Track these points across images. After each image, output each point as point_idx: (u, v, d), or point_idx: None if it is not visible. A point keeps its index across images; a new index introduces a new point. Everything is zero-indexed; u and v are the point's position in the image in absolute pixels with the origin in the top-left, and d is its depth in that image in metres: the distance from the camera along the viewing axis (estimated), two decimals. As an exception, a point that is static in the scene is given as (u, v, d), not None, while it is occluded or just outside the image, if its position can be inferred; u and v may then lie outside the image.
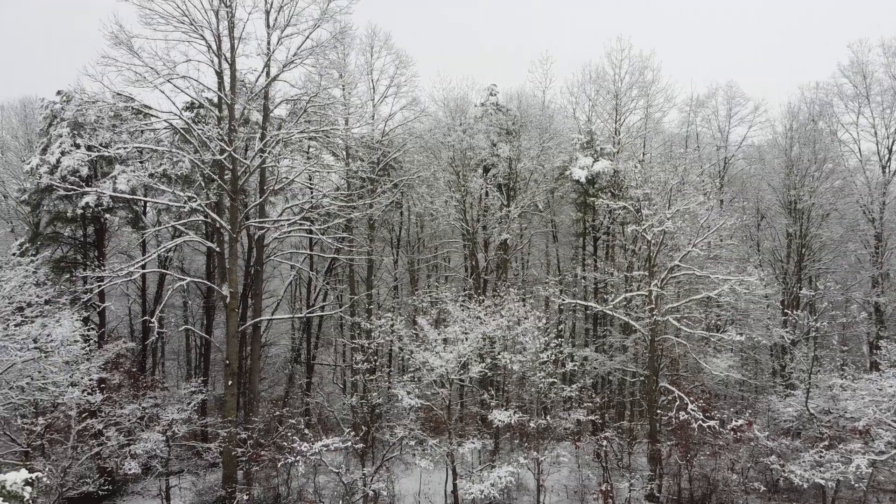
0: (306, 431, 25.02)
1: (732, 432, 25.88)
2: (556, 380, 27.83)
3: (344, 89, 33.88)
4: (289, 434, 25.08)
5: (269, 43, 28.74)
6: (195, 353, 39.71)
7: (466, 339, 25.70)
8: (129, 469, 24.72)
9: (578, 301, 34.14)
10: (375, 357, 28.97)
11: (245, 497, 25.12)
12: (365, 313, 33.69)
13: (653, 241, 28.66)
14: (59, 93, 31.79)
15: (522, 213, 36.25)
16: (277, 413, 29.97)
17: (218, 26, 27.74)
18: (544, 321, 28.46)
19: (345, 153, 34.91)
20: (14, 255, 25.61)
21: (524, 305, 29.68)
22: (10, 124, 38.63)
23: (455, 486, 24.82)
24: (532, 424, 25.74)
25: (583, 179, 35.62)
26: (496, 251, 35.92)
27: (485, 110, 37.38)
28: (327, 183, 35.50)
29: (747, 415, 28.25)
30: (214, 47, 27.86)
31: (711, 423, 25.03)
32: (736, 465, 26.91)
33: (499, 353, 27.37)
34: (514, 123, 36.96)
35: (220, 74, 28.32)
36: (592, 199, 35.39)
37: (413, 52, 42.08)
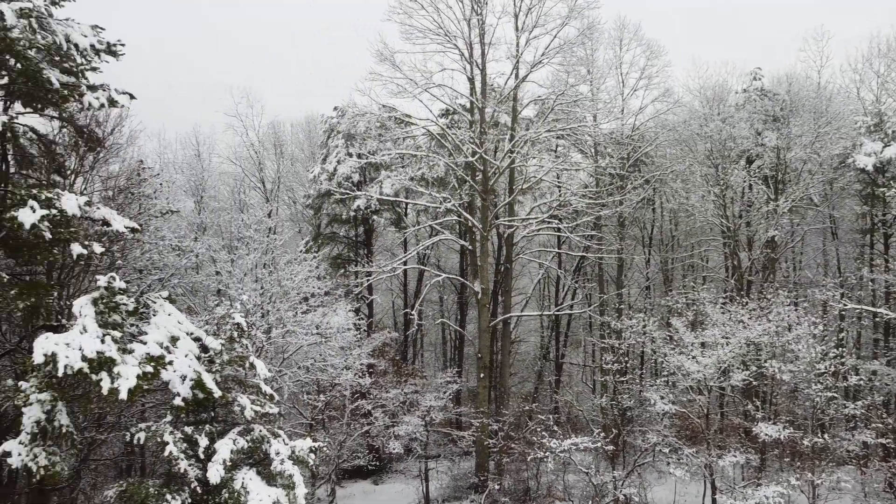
0: (555, 428, 25.02)
1: None
2: (835, 394, 24.53)
3: (591, 85, 33.36)
4: (538, 430, 25.28)
5: (517, 45, 29.36)
6: (450, 345, 41.97)
7: (727, 344, 23.74)
8: (393, 449, 26.85)
9: (865, 307, 29.75)
10: (626, 358, 28.06)
11: (496, 487, 25.88)
12: (615, 313, 32.80)
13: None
14: (335, 108, 35.74)
15: (793, 208, 32.55)
16: (527, 408, 30.41)
17: (469, 34, 29.04)
18: (821, 328, 25.26)
19: (593, 150, 34.37)
20: (301, 252, 29.21)
21: (796, 309, 26.64)
22: (297, 139, 44.32)
23: (714, 501, 23.05)
24: (806, 442, 22.97)
25: (869, 167, 30.93)
26: (762, 250, 32.72)
27: (747, 97, 34.29)
28: (575, 181, 35.28)
29: None
30: (466, 55, 29.19)
31: None
32: None
33: (765, 361, 24.88)
34: (783, 109, 33.35)
35: (471, 80, 29.59)
36: (882, 189, 30.58)
37: (665, 41, 40.22)
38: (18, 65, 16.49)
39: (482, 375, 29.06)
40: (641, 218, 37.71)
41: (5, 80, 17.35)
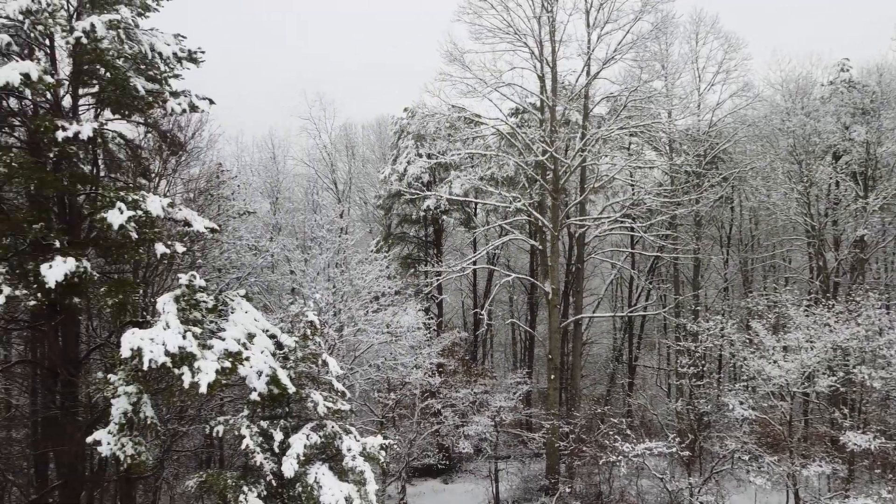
0: (628, 432, 24.46)
1: None
2: (932, 403, 23.05)
3: (666, 80, 32.47)
4: (610, 433, 24.79)
5: (588, 42, 28.89)
6: (520, 346, 41.71)
7: (812, 348, 22.65)
8: (463, 448, 26.87)
9: (965, 310, 27.84)
10: (702, 362, 27.19)
11: (567, 490, 25.53)
12: (691, 315, 31.84)
13: None
14: (405, 110, 36.09)
15: (884, 206, 30.77)
16: (599, 411, 29.90)
17: (540, 32, 28.76)
18: (916, 332, 23.75)
19: (667, 147, 33.45)
20: (371, 251, 29.62)
21: (888, 313, 25.18)
22: (368, 141, 45.02)
23: (798, 512, 22.04)
24: (899, 453, 21.67)
25: (971, 161, 28.98)
26: (849, 250, 31.10)
27: (833, 89, 32.63)
28: (649, 179, 34.41)
29: None
30: (536, 53, 28.92)
31: None
32: None
33: (854, 367, 23.62)
34: (873, 101, 31.58)
35: (541, 78, 29.29)
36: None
37: (744, 33, 38.69)
38: (108, 74, 17.37)
39: (553, 377, 28.72)
40: (719, 217, 36.45)
41: (96, 89, 18.32)
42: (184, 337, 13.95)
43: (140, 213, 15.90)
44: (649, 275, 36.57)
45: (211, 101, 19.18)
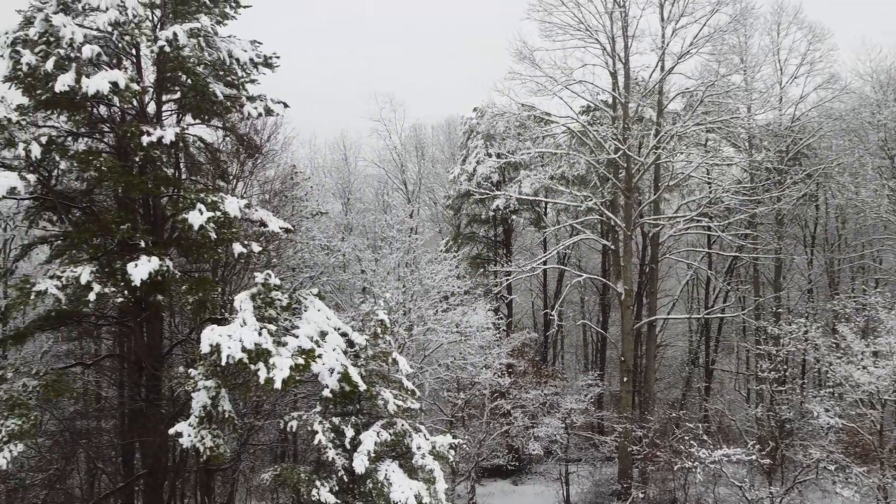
0: (704, 438, 23.66)
1: None
2: None
3: (745, 74, 31.27)
4: (685, 438, 24.03)
5: (662, 37, 28.16)
6: (591, 347, 41.06)
7: (905, 353, 21.34)
8: (533, 450, 26.67)
9: None
10: (784, 366, 26.00)
11: (640, 495, 24.94)
12: (772, 318, 30.52)
13: None
14: (474, 109, 36.09)
15: None
16: (673, 415, 29.04)
17: (612, 28, 28.21)
18: None
19: (747, 143, 32.22)
20: (441, 251, 29.77)
21: None
22: (437, 141, 45.27)
23: (890, 527, 20.81)
24: None
25: None
26: (947, 249, 29.17)
27: (929, 78, 30.71)
28: (727, 176, 33.21)
29: None
30: (608, 49, 28.38)
31: None
32: None
33: (952, 374, 22.07)
34: (974, 90, 29.56)
35: (613, 75, 28.73)
36: None
37: (829, 23, 36.75)
38: (189, 80, 18.07)
39: (625, 379, 28.14)
40: (803, 215, 34.80)
41: (178, 95, 19.11)
42: (259, 334, 14.37)
43: (219, 213, 16.45)
44: (727, 276, 35.29)
45: (285, 105, 19.70)
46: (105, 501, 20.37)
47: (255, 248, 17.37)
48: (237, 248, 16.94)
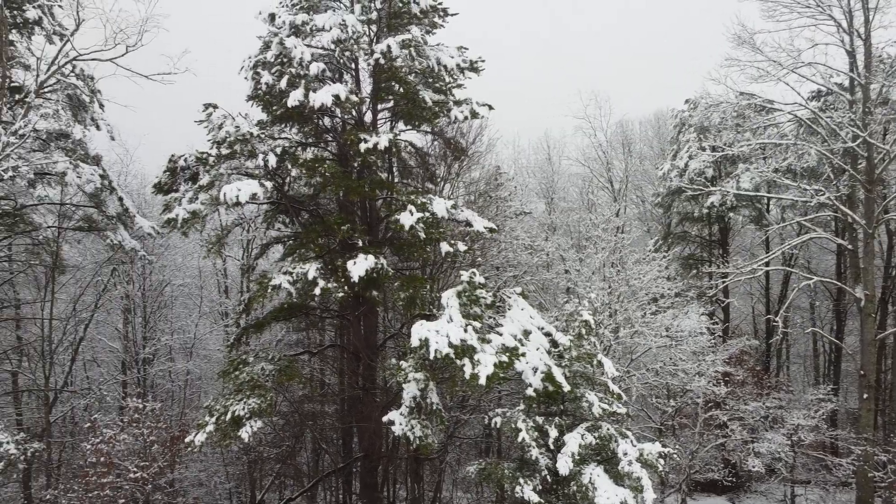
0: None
1: None
2: None
3: None
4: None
5: (915, 4, 24.46)
6: (822, 358, 37.00)
7: None
8: (752, 466, 24.53)
9: None
10: None
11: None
12: None
13: None
14: (686, 101, 34.15)
15: None
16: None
17: (849, 0, 25.11)
18: None
19: None
20: (649, 251, 28.50)
21: None
22: (645, 137, 43.44)
23: None
24: None
25: None
26: None
27: None
28: None
29: None
30: (844, 25, 25.25)
31: None
32: None
33: None
34: None
35: (850, 53, 25.51)
36: None
37: None
38: (401, 89, 19.14)
39: (866, 396, 24.83)
40: None
41: (391, 104, 20.31)
42: (465, 330, 14.77)
43: (427, 214, 17.22)
44: None
45: (490, 107, 20.07)
46: (328, 479, 22.26)
47: (461, 247, 17.90)
48: (444, 247, 17.59)
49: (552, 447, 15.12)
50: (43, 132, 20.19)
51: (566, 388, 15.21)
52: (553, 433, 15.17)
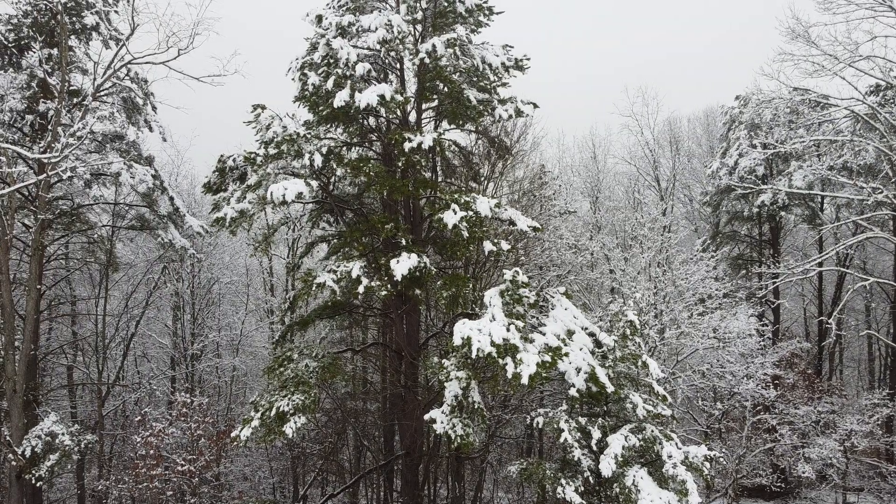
0: None
1: None
2: None
3: None
4: None
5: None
6: (879, 362, 35.80)
7: None
8: (803, 472, 23.88)
9: None
10: None
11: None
12: None
13: None
14: (736, 98, 33.37)
15: None
16: None
17: (911, -10, 24.18)
18: None
19: None
20: (697, 251, 27.97)
21: None
22: (695, 134, 42.62)
23: None
24: None
25: None
26: None
27: None
28: None
29: None
30: (907, 15, 24.35)
31: None
32: None
33: None
34: None
35: (912, 45, 24.62)
36: None
37: None
38: (445, 88, 19.18)
39: (924, 402, 23.96)
40: None
41: (435, 103, 20.36)
42: (507, 329, 14.73)
43: (471, 213, 17.20)
44: None
45: (535, 105, 19.92)
46: (369, 476, 22.46)
47: (504, 246, 17.84)
48: (487, 245, 17.55)
49: (595, 448, 14.98)
50: (99, 134, 20.87)
51: (610, 388, 15.05)
52: (596, 434, 15.03)
